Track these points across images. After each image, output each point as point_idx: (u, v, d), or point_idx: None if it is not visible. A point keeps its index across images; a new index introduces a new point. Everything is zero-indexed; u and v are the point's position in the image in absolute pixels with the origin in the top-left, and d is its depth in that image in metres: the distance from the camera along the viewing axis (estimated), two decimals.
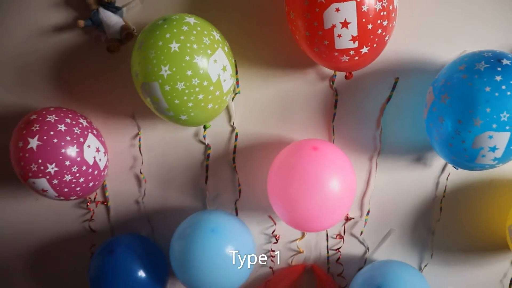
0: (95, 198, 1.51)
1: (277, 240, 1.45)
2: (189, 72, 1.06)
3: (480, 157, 1.05)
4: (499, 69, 1.00)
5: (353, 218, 1.42)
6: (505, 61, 1.01)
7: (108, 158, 1.38)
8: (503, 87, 0.98)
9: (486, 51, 1.06)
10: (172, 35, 1.07)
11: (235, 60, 1.24)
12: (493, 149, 1.02)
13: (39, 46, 1.39)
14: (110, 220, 1.54)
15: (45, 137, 1.22)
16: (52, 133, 1.23)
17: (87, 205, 1.52)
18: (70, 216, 1.56)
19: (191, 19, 1.11)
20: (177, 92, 1.07)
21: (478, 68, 1.01)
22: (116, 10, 1.30)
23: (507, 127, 0.98)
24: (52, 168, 1.22)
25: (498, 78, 0.99)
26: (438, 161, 1.33)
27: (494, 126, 0.99)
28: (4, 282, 1.74)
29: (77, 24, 1.29)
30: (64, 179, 1.24)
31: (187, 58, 1.06)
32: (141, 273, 1.39)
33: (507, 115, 0.97)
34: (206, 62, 1.08)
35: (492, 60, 1.02)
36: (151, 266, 1.41)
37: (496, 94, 0.98)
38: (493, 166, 1.08)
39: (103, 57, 1.36)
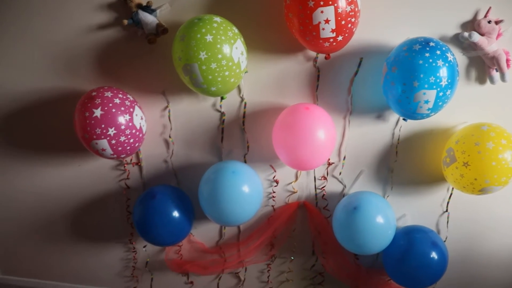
0: (131, 160, 1.99)
1: (277, 184, 1.97)
2: (219, 56, 1.57)
3: (419, 108, 1.59)
4: (427, 48, 1.56)
5: (334, 163, 1.94)
6: (431, 44, 1.57)
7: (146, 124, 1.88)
8: (430, 60, 1.54)
9: (420, 37, 1.62)
10: (206, 30, 1.57)
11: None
12: (427, 102, 1.57)
13: (87, 40, 1.86)
14: (143, 177, 2.02)
15: (106, 108, 1.68)
16: (110, 104, 1.70)
17: (124, 166, 2.00)
18: (108, 177, 2.05)
19: (217, 18, 1.62)
20: (211, 70, 1.58)
21: (415, 48, 1.57)
22: (151, 11, 1.78)
23: (434, 87, 1.54)
24: (112, 131, 1.68)
25: (427, 54, 1.55)
26: (393, 117, 1.86)
27: (426, 86, 1.54)
28: (52, 237, 2.19)
29: (122, 23, 1.77)
30: (120, 139, 1.71)
31: (218, 46, 1.57)
32: (176, 213, 1.86)
33: (433, 78, 1.53)
34: (230, 49, 1.59)
35: (423, 43, 1.58)
36: (182, 208, 1.89)
37: (426, 65, 1.54)
38: (428, 115, 1.63)
39: (138, 48, 1.85)
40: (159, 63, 1.85)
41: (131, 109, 1.75)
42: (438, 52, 1.56)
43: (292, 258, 2.12)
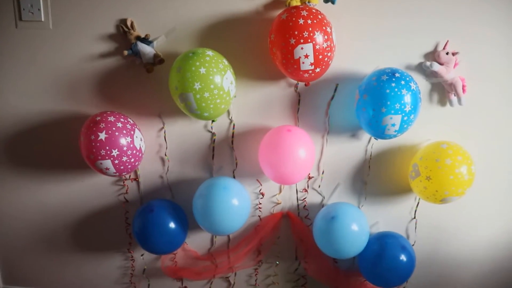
0: (129, 176, 2.19)
1: (262, 196, 2.17)
2: (211, 86, 1.78)
3: (387, 130, 1.82)
4: (393, 79, 1.78)
5: (313, 177, 2.14)
6: (397, 74, 1.80)
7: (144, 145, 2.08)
8: (396, 89, 1.76)
9: (387, 68, 1.84)
10: (200, 63, 1.77)
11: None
12: (393, 125, 1.79)
13: (90, 68, 2.05)
14: (141, 192, 2.20)
15: (109, 131, 1.86)
16: (114, 128, 1.88)
17: (124, 182, 2.19)
18: (108, 191, 2.22)
19: (209, 52, 1.83)
20: (204, 98, 1.79)
21: (383, 79, 1.80)
22: (149, 43, 1.97)
23: (399, 112, 1.76)
24: (115, 152, 1.87)
25: (393, 84, 1.77)
26: (365, 136, 2.07)
27: (392, 111, 1.76)
28: (54, 247, 2.34)
29: (122, 53, 1.97)
30: (122, 159, 1.90)
31: (210, 77, 1.77)
32: (172, 225, 2.03)
33: (399, 105, 1.76)
34: (221, 79, 1.80)
35: (390, 74, 1.80)
36: (178, 221, 2.06)
37: (392, 93, 1.76)
38: (395, 135, 1.85)
39: (137, 75, 2.04)
40: (155, 89, 2.05)
41: (132, 132, 1.95)
42: (403, 82, 1.78)
43: (277, 263, 2.29)
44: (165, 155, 2.14)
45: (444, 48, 1.98)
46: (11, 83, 2.10)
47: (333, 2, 1.87)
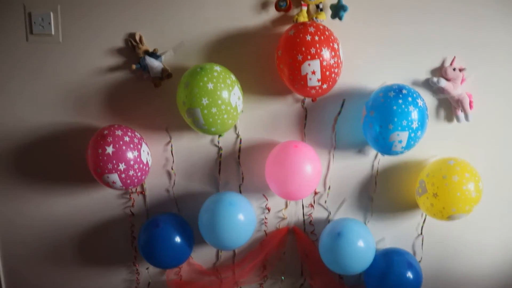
0: (136, 189, 2.20)
1: (268, 211, 2.17)
2: (219, 101, 1.79)
3: (394, 147, 1.82)
4: (400, 95, 1.79)
5: (319, 192, 2.15)
6: (404, 91, 1.81)
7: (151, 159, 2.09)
8: (403, 106, 1.77)
9: (394, 85, 1.85)
10: (208, 78, 1.78)
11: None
12: (400, 141, 1.80)
13: (98, 81, 2.06)
14: (147, 205, 2.20)
15: (117, 145, 1.87)
16: (121, 142, 1.88)
17: (130, 195, 2.19)
18: (114, 204, 2.21)
19: (217, 67, 1.84)
20: (212, 114, 1.80)
21: (390, 95, 1.81)
22: (157, 57, 1.98)
23: (406, 129, 1.77)
24: (122, 166, 1.88)
25: (400, 101, 1.78)
26: (372, 151, 2.08)
27: (399, 128, 1.77)
28: (59, 259, 2.33)
29: (131, 67, 1.99)
30: (129, 173, 1.90)
31: (218, 93, 1.78)
32: (178, 240, 2.03)
33: (406, 121, 1.76)
34: (228, 94, 1.81)
35: (397, 90, 1.81)
36: (183, 235, 2.06)
37: (399, 110, 1.77)
38: (402, 152, 1.85)
39: (144, 89, 2.06)
40: (163, 103, 2.06)
41: (139, 146, 1.96)
42: (410, 98, 1.79)
43: (283, 278, 2.28)
44: (172, 169, 2.15)
45: (451, 64, 1.99)
46: (21, 96, 2.11)
47: (340, 18, 1.89)
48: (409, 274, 2.01)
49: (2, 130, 2.15)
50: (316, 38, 1.77)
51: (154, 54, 1.99)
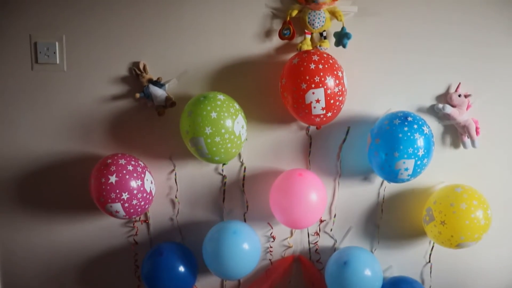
0: (139, 218, 2.18)
1: (273, 239, 2.15)
2: (223, 130, 1.78)
3: (400, 175, 1.81)
4: (406, 123, 1.78)
5: (325, 220, 2.12)
6: (409, 118, 1.80)
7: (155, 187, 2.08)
8: (408, 133, 1.76)
9: (399, 112, 1.84)
10: (211, 107, 1.78)
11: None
12: (406, 169, 1.78)
13: (102, 109, 2.07)
14: (150, 234, 2.19)
15: (120, 175, 1.86)
16: (124, 171, 1.88)
17: (133, 224, 2.18)
18: (118, 233, 2.19)
19: (221, 96, 1.84)
20: (215, 143, 1.79)
21: (395, 123, 1.79)
22: (161, 86, 1.99)
23: (412, 156, 1.76)
24: (126, 196, 1.87)
25: (406, 128, 1.77)
26: (378, 179, 2.07)
27: (405, 156, 1.76)
28: (62, 286, 2.29)
29: (135, 96, 1.99)
30: (132, 203, 1.89)
31: (222, 122, 1.78)
32: (181, 269, 2.00)
33: (412, 149, 1.75)
34: (232, 123, 1.80)
35: (402, 118, 1.80)
36: (187, 264, 2.02)
37: (405, 138, 1.76)
38: (409, 179, 1.84)
39: (148, 117, 2.06)
40: (167, 132, 2.06)
41: (143, 175, 1.94)
42: (415, 126, 1.78)
43: None
44: (176, 197, 2.13)
45: (456, 90, 1.98)
46: (25, 124, 2.12)
47: (344, 46, 1.89)
48: None
49: (6, 158, 2.15)
50: (320, 66, 1.76)
51: (158, 83, 2.00)
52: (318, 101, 1.76)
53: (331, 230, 2.15)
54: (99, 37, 2.03)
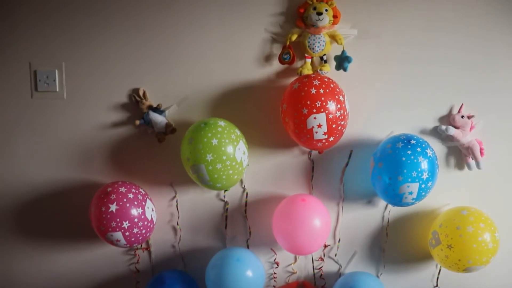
0: (141, 246, 2.15)
1: (277, 265, 2.11)
2: (224, 157, 1.76)
3: (404, 198, 1.78)
4: (409, 146, 1.76)
5: (329, 245, 2.09)
6: (412, 141, 1.78)
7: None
8: (412, 157, 1.74)
9: (402, 135, 1.82)
10: (212, 134, 1.77)
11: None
12: (411, 193, 1.76)
13: (101, 136, 2.06)
14: (152, 262, 2.15)
15: (120, 203, 1.84)
16: (125, 200, 1.86)
17: (135, 251, 2.15)
18: (119, 261, 2.16)
19: (221, 122, 1.82)
20: (216, 170, 1.77)
21: (398, 146, 1.78)
22: (161, 112, 1.98)
23: (417, 180, 1.74)
24: (126, 224, 1.84)
25: (409, 152, 1.75)
26: (382, 202, 2.04)
27: (409, 180, 1.74)
28: None
29: (135, 123, 1.98)
30: (133, 231, 1.86)
31: (223, 148, 1.76)
32: None
33: (416, 173, 1.73)
34: (233, 149, 1.78)
35: (405, 141, 1.78)
36: None
37: (408, 161, 1.74)
38: (413, 203, 1.81)
39: (148, 144, 2.04)
40: (167, 158, 2.04)
41: (143, 203, 1.92)
42: (419, 149, 1.76)
43: None
44: (177, 224, 2.10)
45: (459, 112, 1.96)
46: (25, 151, 2.10)
47: (345, 70, 1.88)
48: None
49: (5, 186, 2.14)
50: (321, 91, 1.75)
51: (158, 109, 1.98)
52: (320, 126, 1.75)
53: (335, 255, 2.11)
54: (99, 64, 2.03)
